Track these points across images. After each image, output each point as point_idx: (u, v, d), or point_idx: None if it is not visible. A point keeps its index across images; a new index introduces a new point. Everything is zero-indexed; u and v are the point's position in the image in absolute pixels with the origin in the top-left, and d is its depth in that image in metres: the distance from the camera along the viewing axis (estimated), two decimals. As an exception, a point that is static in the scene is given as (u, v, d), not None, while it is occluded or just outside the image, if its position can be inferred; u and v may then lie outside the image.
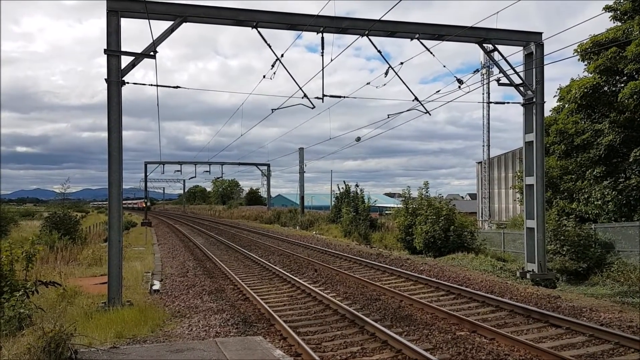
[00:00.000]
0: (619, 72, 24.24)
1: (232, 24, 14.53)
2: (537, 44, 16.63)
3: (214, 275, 18.49)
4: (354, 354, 8.98)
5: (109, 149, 12.84)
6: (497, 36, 16.40)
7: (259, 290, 15.27)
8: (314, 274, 18.45)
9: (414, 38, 15.60)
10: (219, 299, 13.97)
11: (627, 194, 23.03)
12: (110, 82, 12.83)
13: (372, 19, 15.04)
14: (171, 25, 13.59)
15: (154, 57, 13.42)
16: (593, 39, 24.60)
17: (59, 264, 19.04)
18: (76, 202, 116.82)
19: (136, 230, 45.80)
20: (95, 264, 20.25)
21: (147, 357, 8.13)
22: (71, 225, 27.98)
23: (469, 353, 8.89)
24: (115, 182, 12.93)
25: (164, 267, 20.62)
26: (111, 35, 12.86)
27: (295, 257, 23.32)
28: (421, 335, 10.07)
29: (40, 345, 7.58)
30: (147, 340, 9.64)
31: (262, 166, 67.49)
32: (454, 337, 9.89)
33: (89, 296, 13.09)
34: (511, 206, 45.70)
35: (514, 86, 17.10)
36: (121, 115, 12.93)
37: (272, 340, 9.84)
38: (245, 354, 8.23)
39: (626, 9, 24.29)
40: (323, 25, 14.70)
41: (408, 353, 8.74)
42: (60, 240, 23.73)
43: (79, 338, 8.52)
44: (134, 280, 16.04)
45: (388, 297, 13.79)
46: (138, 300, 12.80)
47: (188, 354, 8.28)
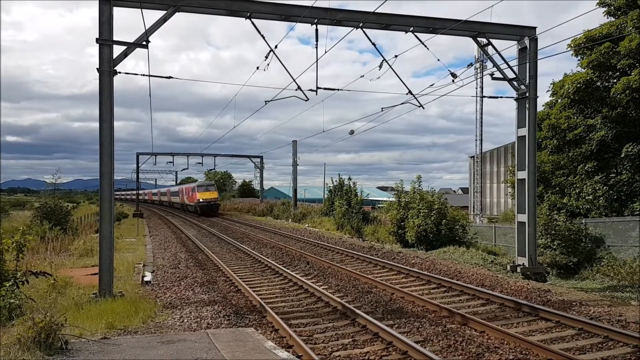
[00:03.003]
0: (612, 68, 24.34)
1: (225, 14, 14.43)
2: (531, 39, 16.64)
3: (205, 267, 18.47)
4: (345, 345, 9.01)
5: (101, 140, 12.75)
6: (492, 30, 16.39)
7: (250, 282, 15.27)
8: (306, 266, 18.47)
9: (409, 31, 15.56)
10: (211, 291, 13.96)
11: (617, 189, 23.19)
12: (102, 71, 12.72)
13: (367, 11, 14.99)
14: (164, 15, 13.48)
15: (147, 46, 13.31)
16: (587, 34, 24.68)
17: (50, 255, 18.96)
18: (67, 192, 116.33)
19: (128, 222, 45.66)
20: (86, 254, 20.15)
21: (138, 347, 8.12)
22: (62, 215, 27.84)
23: (459, 345, 8.93)
24: (106, 173, 12.85)
25: (155, 259, 20.58)
26: (103, 25, 12.73)
27: (288, 249, 23.33)
28: (412, 327, 10.11)
29: (30, 335, 7.56)
30: (138, 331, 9.63)
31: (255, 158, 67.30)
32: (445, 329, 9.93)
33: (79, 287, 13.04)
34: (503, 200, 45.92)
35: (507, 80, 17.11)
36: (113, 105, 12.84)
37: (263, 332, 9.85)
38: (236, 346, 8.24)
39: (620, 5, 24.36)
40: (317, 17, 14.63)
41: (399, 345, 8.78)
42: (51, 230, 23.61)
43: (70, 329, 8.50)
44: (125, 272, 15.99)
45: (380, 290, 13.83)
46: (129, 292, 12.77)
47: (179, 345, 8.27)
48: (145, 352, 7.83)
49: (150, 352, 7.87)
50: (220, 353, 7.79)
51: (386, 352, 8.63)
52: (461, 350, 8.71)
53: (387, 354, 8.54)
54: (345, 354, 8.56)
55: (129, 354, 7.73)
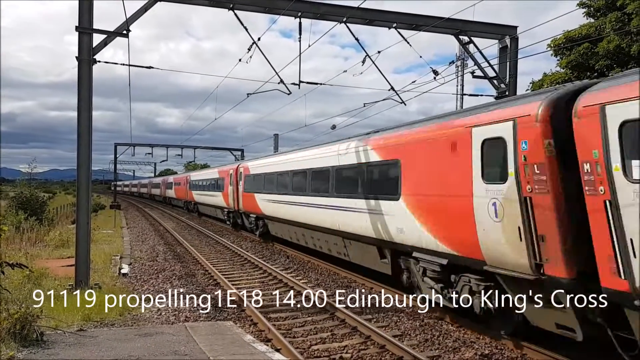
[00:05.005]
0: (590, 68, 24.71)
1: (208, 5, 14.28)
2: (512, 38, 16.81)
3: (184, 260, 18.35)
4: (324, 339, 9.05)
5: (79, 129, 12.55)
6: (474, 29, 16.52)
7: (230, 275, 15.22)
8: (286, 260, 18.47)
9: (392, 27, 15.60)
10: (189, 284, 13.89)
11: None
12: (81, 60, 12.51)
13: (351, 6, 14.98)
14: (145, 4, 13.29)
15: (127, 36, 13.11)
16: (566, 35, 25.01)
17: (25, 245, 18.65)
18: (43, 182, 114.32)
19: (105, 213, 45.08)
20: (62, 245, 19.87)
21: (115, 340, 8.05)
22: (38, 206, 27.39)
23: (436, 340, 9.04)
24: (84, 163, 12.64)
25: (133, 251, 20.38)
26: (83, 13, 12.50)
27: (267, 243, 23.28)
28: (390, 322, 10.19)
29: (5, 326, 7.45)
30: (115, 323, 9.55)
31: (236, 151, 66.91)
32: (422, 324, 10.04)
33: (55, 278, 12.86)
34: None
35: (487, 79, 17.26)
36: (91, 94, 12.64)
37: (242, 325, 9.84)
38: (215, 339, 8.21)
39: (599, 6, 24.74)
40: (301, 10, 14.57)
41: (377, 339, 8.86)
42: (26, 221, 23.20)
43: (45, 320, 8.39)
44: (102, 264, 15.82)
45: (359, 285, 13.90)
46: (106, 284, 12.65)
47: (157, 337, 8.22)
48: (122, 345, 7.76)
49: (128, 344, 7.80)
50: (199, 346, 7.76)
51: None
52: (438, 344, 8.80)
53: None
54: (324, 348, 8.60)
55: (106, 347, 7.65)
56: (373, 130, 13.52)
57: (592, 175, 6.55)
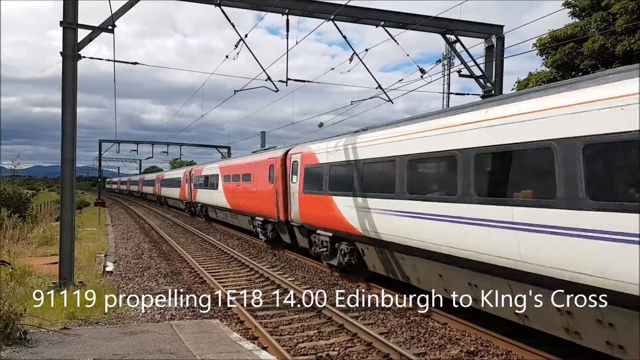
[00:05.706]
0: (575, 68, 24.97)
1: (195, 1, 14.18)
2: (498, 37, 16.91)
3: (170, 258, 18.24)
4: (310, 337, 9.05)
5: (63, 126, 12.38)
6: (460, 27, 16.60)
7: (216, 273, 15.15)
8: (273, 258, 18.43)
9: (379, 25, 15.61)
10: (175, 282, 13.81)
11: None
12: (65, 55, 12.34)
13: (339, 4, 14.96)
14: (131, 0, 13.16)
15: (112, 31, 12.96)
16: (552, 34, 25.24)
17: (8, 243, 18.42)
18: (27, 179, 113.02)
19: (89, 210, 44.64)
20: (46, 243, 19.65)
21: (100, 338, 7.97)
22: (21, 202, 27.04)
23: (422, 337, 9.08)
24: (68, 159, 12.47)
25: (117, 249, 20.21)
26: (68, 7, 12.33)
27: (254, 241, 23.21)
28: (377, 319, 10.21)
29: (-13, 325, 7.34)
30: (100, 322, 9.46)
31: (223, 149, 66.62)
32: (409, 321, 10.07)
33: (39, 276, 12.72)
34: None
35: (474, 78, 17.35)
36: (76, 90, 12.48)
37: (228, 323, 9.80)
38: (201, 337, 8.17)
39: (584, 6, 24.99)
40: (289, 7, 14.52)
41: (363, 336, 8.87)
42: (9, 218, 22.89)
43: (29, 318, 8.28)
44: (87, 261, 15.67)
45: (345, 283, 13.91)
46: (91, 282, 12.52)
47: (143, 336, 8.15)
48: (107, 343, 7.69)
49: (113, 343, 7.73)
50: (185, 345, 7.71)
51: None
52: (424, 341, 8.82)
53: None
54: (311, 346, 8.59)
55: (91, 345, 7.57)
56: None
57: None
